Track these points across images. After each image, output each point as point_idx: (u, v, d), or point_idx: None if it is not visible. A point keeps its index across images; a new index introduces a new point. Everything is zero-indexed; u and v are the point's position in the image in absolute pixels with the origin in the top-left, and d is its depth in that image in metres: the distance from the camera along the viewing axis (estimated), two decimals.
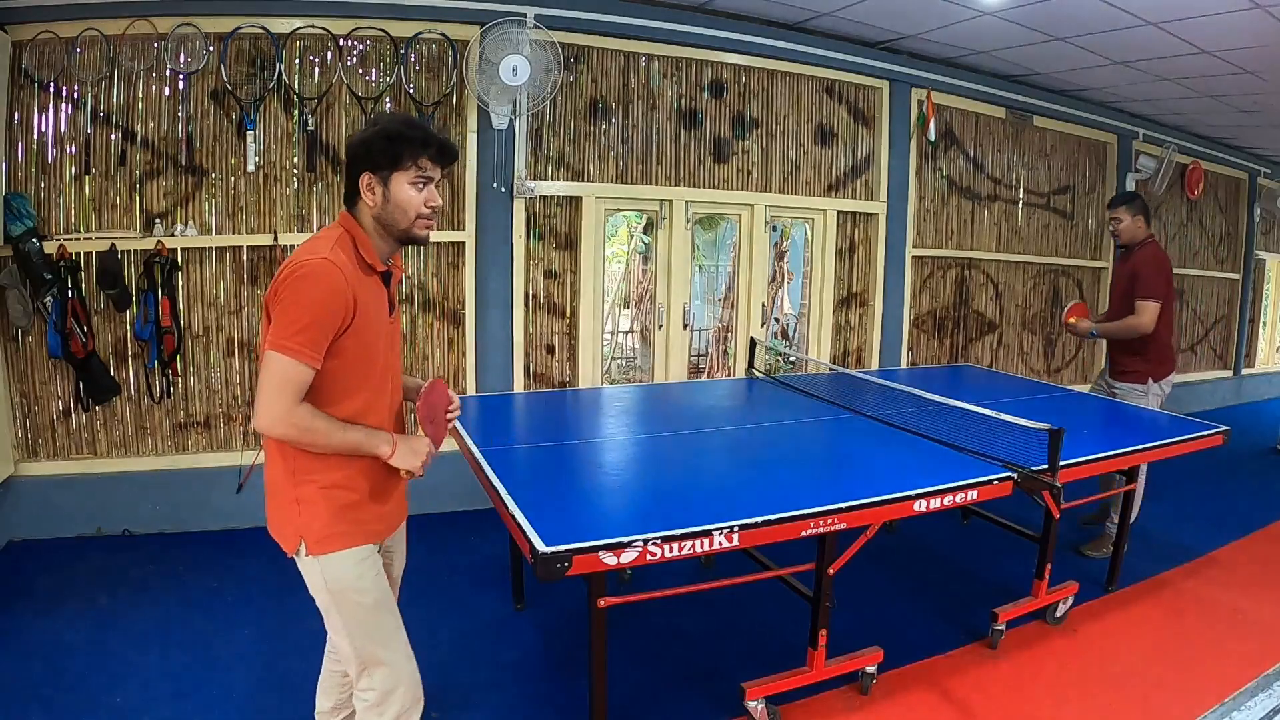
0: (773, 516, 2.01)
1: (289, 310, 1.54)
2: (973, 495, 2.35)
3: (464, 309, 4.16)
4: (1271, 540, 4.08)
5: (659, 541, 1.87)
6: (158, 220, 3.67)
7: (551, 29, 3.92)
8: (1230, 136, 7.03)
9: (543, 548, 1.78)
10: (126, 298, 3.61)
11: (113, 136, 3.61)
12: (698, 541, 1.91)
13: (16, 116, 3.49)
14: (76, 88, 3.54)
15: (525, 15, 3.89)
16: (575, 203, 4.33)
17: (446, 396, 1.90)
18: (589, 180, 4.36)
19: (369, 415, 1.69)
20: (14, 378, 3.62)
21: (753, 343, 4.22)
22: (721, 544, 1.94)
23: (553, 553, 1.77)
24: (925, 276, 5.55)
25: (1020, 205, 6.02)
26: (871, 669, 2.54)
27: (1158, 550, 3.79)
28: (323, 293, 1.54)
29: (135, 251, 3.64)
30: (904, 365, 5.40)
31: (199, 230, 3.74)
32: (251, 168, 3.73)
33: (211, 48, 3.64)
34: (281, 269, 1.59)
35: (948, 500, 2.29)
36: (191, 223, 3.73)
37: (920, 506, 2.23)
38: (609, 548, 1.82)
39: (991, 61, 5.18)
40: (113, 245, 3.55)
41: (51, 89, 3.51)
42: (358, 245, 1.66)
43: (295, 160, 3.84)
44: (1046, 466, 2.45)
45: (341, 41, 3.79)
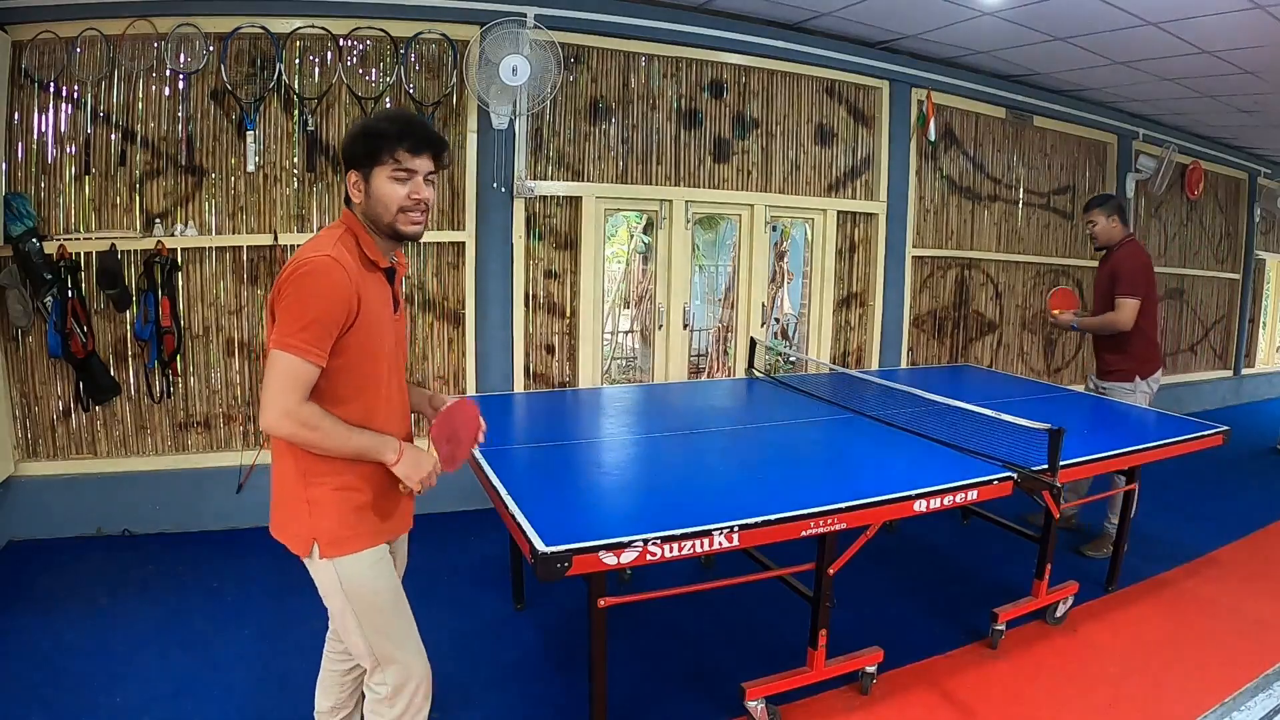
0: (773, 516, 2.01)
1: (292, 308, 1.54)
2: (973, 495, 2.35)
3: (464, 309, 4.16)
4: (1271, 540, 4.08)
5: (659, 541, 1.87)
6: (158, 220, 3.68)
7: (551, 29, 3.92)
8: (1230, 136, 7.03)
9: (543, 548, 1.78)
10: (126, 298, 3.62)
11: (113, 136, 3.61)
12: (698, 541, 1.91)
13: (16, 116, 3.49)
14: (76, 88, 3.54)
15: (525, 15, 3.89)
16: (575, 203, 4.33)
17: (476, 421, 1.84)
18: (589, 180, 4.36)
19: (375, 414, 1.69)
20: (14, 378, 3.62)
21: (753, 343, 4.22)
22: (721, 544, 1.94)
23: (553, 553, 1.77)
24: (925, 276, 5.55)
25: (1020, 205, 6.02)
26: (871, 669, 2.54)
27: (1158, 550, 3.79)
28: (326, 289, 1.55)
29: (135, 251, 3.64)
30: (904, 365, 5.39)
31: (199, 230, 3.74)
32: (251, 168, 3.73)
33: (211, 48, 3.64)
34: (284, 268, 1.59)
35: (948, 500, 2.29)
36: (191, 223, 3.73)
37: (920, 506, 2.24)
38: (609, 548, 1.82)
39: (991, 61, 5.18)
40: (113, 245, 3.55)
41: (51, 89, 3.51)
42: (360, 242, 1.66)
43: (295, 160, 3.84)
44: (1046, 466, 2.46)
45: (341, 41, 3.79)
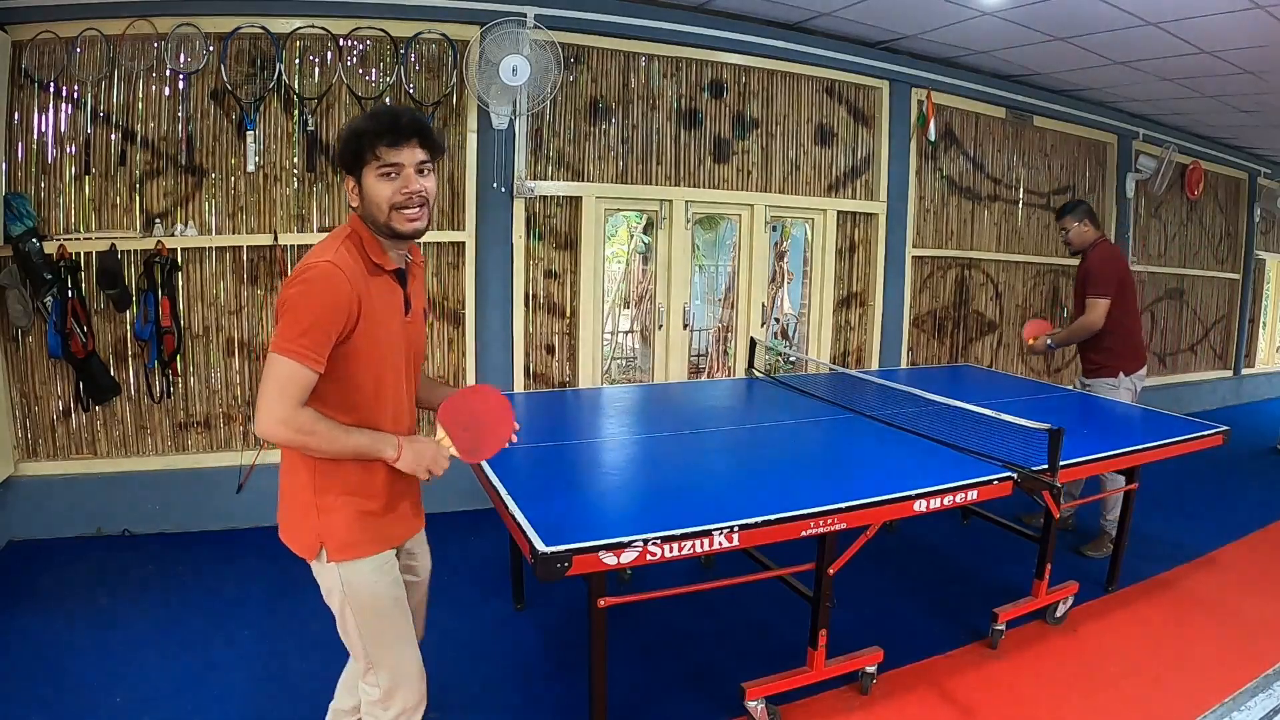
0: (773, 516, 2.01)
1: (290, 313, 1.54)
2: (973, 495, 2.35)
3: (464, 309, 4.16)
4: (1271, 540, 4.07)
5: (659, 541, 1.87)
6: (158, 220, 3.67)
7: (551, 29, 3.92)
8: (1230, 136, 7.03)
9: (543, 548, 1.78)
10: (126, 298, 3.61)
11: (113, 136, 3.61)
12: (698, 541, 1.91)
13: (16, 116, 3.49)
14: (76, 88, 3.54)
15: (525, 15, 3.89)
16: (575, 203, 4.33)
17: (506, 418, 1.75)
18: (589, 180, 4.36)
19: (379, 421, 1.67)
20: (14, 378, 3.62)
21: (753, 343, 4.22)
22: (721, 544, 1.94)
23: (553, 553, 1.77)
24: (925, 276, 5.55)
25: (1020, 205, 6.02)
26: (871, 669, 2.54)
27: (1158, 550, 3.79)
28: (324, 295, 1.55)
29: (135, 251, 3.64)
30: (904, 365, 5.39)
31: (199, 230, 3.74)
32: (251, 168, 3.73)
33: (211, 48, 3.64)
34: (290, 274, 1.60)
35: (948, 500, 2.29)
36: (191, 223, 3.73)
37: (920, 506, 2.23)
38: (609, 548, 1.82)
39: (991, 61, 5.18)
40: (113, 245, 3.55)
41: (51, 89, 3.51)
42: (364, 245, 1.66)
43: (295, 160, 3.84)
44: (1046, 466, 2.45)
45: (341, 41, 3.79)
